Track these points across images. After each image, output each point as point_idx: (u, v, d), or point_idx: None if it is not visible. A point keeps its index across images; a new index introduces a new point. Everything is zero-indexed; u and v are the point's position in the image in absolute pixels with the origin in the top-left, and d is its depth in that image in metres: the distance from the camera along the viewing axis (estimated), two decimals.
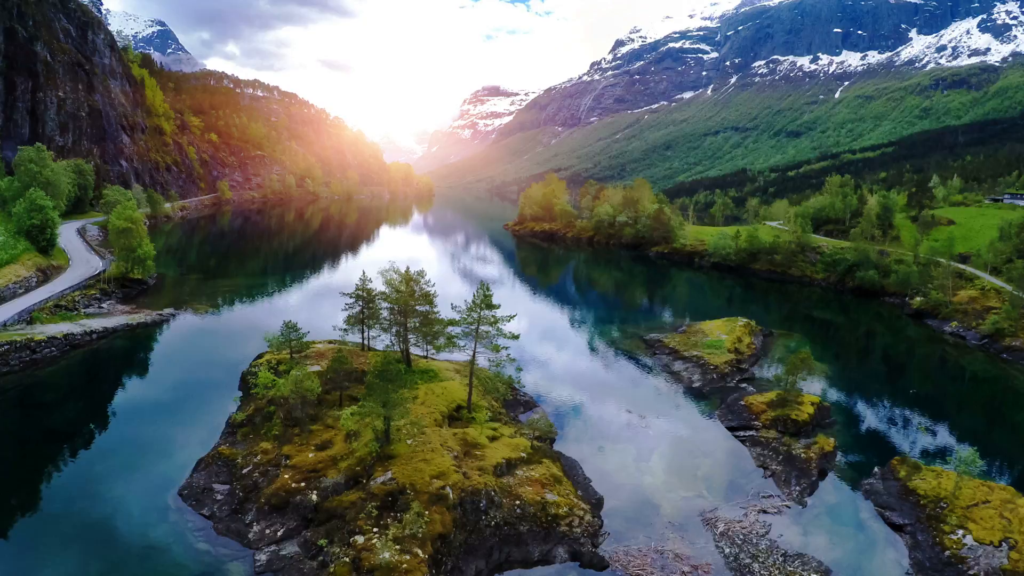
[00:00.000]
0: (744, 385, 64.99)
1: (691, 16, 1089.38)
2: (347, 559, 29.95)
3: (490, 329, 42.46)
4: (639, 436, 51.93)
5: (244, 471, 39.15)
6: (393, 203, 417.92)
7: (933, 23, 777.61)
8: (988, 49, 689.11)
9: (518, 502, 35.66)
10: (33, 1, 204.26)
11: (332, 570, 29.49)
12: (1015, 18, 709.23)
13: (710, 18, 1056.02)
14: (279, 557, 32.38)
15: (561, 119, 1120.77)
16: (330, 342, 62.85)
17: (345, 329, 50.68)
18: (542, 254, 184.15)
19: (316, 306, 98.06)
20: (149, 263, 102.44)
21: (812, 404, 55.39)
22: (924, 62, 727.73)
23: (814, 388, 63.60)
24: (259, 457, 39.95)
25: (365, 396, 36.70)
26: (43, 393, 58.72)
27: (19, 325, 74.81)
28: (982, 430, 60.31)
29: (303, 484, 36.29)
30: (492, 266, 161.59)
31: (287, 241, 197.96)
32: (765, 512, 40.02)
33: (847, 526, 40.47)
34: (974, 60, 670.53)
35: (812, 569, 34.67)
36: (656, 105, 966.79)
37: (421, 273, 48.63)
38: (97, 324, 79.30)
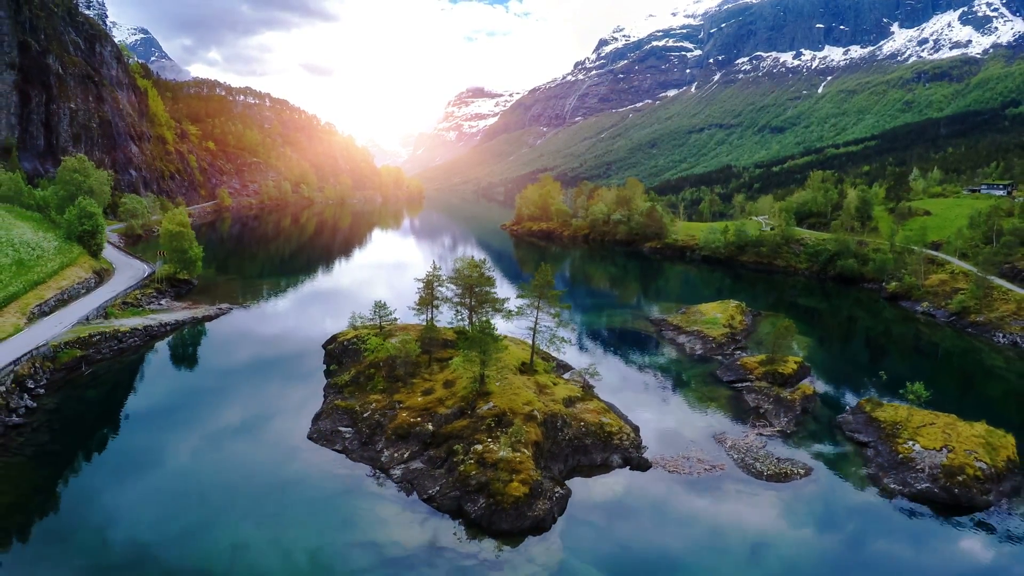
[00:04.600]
0: (739, 352, 77.37)
1: (674, 14, 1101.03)
2: (472, 460, 41.05)
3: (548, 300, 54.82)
4: (657, 388, 65.17)
5: (365, 415, 50.23)
6: (385, 206, 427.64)
7: (914, 16, 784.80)
8: (969, 41, 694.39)
9: (582, 423, 48.02)
10: (44, 15, 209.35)
11: (462, 468, 40.52)
12: (995, 10, 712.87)
13: (693, 16, 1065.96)
14: (410, 471, 43.56)
15: (546, 119, 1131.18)
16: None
17: (418, 309, 62.21)
18: (540, 252, 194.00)
19: (360, 293, 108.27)
20: (198, 264, 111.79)
21: (795, 363, 67.92)
22: (906, 55, 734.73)
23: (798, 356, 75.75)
24: (374, 405, 51.20)
25: (467, 347, 48.59)
26: (137, 377, 65.92)
27: (98, 320, 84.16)
28: (946, 386, 71.93)
29: (419, 419, 47.59)
30: (495, 263, 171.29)
31: (290, 243, 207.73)
32: (761, 435, 52.81)
33: (824, 444, 52.98)
34: (955, 53, 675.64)
35: (799, 467, 47.18)
36: (640, 104, 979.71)
37: (483, 261, 61.10)
38: (168, 317, 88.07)
